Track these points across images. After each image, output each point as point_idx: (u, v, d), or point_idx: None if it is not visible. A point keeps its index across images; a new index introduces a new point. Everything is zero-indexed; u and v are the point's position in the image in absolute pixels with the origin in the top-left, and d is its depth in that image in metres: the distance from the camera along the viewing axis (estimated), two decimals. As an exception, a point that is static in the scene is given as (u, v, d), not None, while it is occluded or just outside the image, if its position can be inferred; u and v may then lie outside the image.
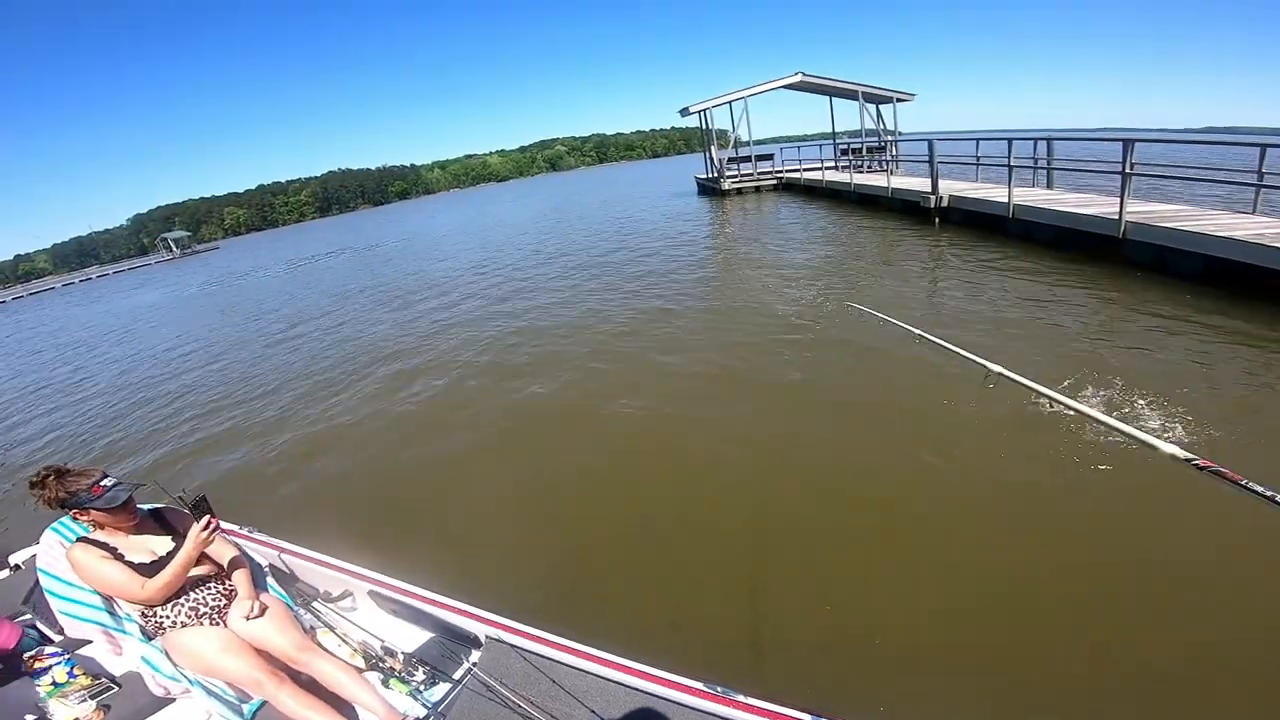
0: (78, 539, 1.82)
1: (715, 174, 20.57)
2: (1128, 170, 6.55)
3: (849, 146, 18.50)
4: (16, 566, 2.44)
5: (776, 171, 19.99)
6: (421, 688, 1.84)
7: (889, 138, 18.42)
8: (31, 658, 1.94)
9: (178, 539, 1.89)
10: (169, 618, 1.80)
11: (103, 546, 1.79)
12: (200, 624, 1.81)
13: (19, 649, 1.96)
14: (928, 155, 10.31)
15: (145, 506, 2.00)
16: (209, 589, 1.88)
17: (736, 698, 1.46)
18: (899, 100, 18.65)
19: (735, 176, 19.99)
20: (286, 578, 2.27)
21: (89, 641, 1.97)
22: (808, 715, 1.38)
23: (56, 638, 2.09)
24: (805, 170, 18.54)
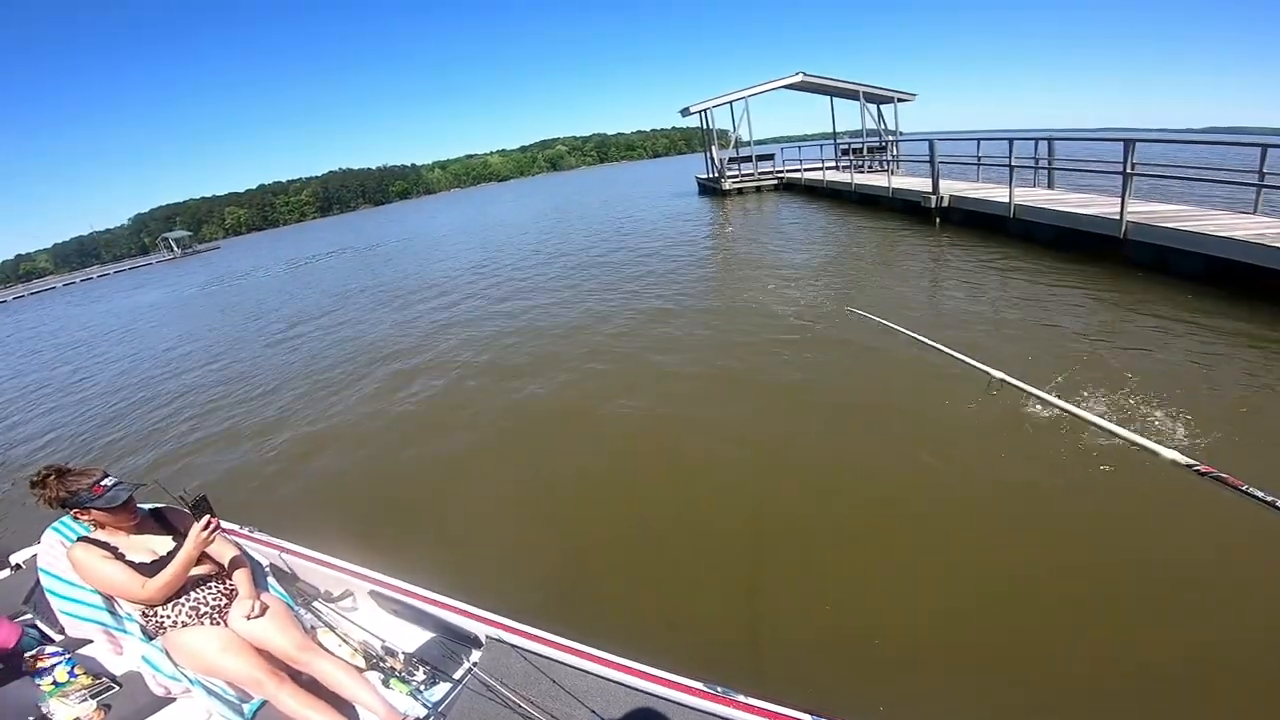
0: (79, 538, 1.82)
1: (716, 174, 20.56)
2: (1129, 170, 6.54)
3: (850, 146, 18.47)
4: (18, 566, 2.45)
5: (777, 171, 19.98)
6: (422, 687, 1.85)
7: (890, 138, 18.40)
8: (32, 657, 1.94)
9: (178, 538, 1.89)
10: (170, 617, 1.80)
11: (103, 546, 1.79)
12: (201, 624, 1.81)
13: (19, 648, 1.96)
14: (929, 155, 10.31)
15: (146, 506, 2.00)
16: (210, 589, 1.88)
17: (736, 698, 1.46)
18: (900, 100, 18.65)
19: (736, 176, 19.98)
20: (287, 577, 2.27)
21: (90, 641, 1.98)
22: (807, 715, 1.38)
23: (57, 637, 2.09)
24: (806, 170, 18.54)
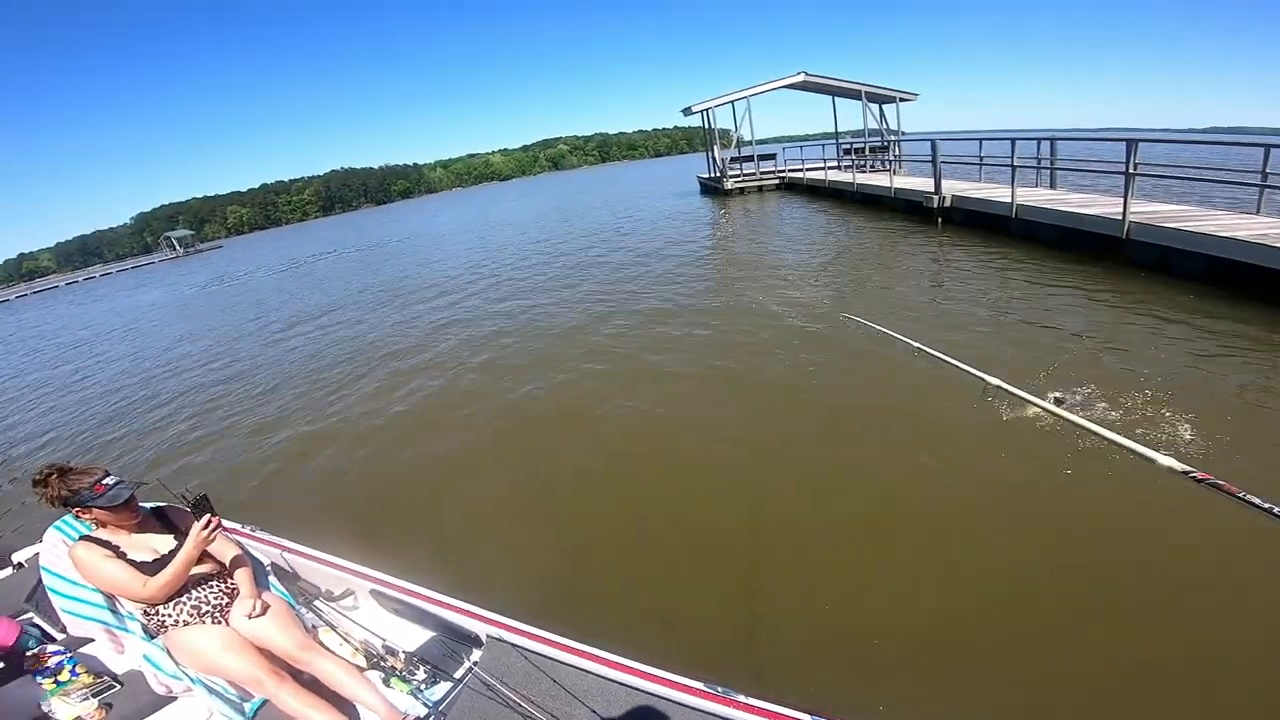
0: (80, 537, 1.83)
1: (718, 174, 20.56)
2: (1131, 170, 6.53)
3: (852, 146, 18.46)
4: (20, 565, 2.45)
5: (779, 171, 19.97)
6: (422, 687, 1.85)
7: (892, 137, 18.38)
8: (34, 656, 1.94)
9: (180, 537, 1.89)
10: (171, 616, 1.81)
11: (105, 545, 1.79)
12: (202, 622, 1.81)
13: (19, 646, 1.96)
14: (931, 155, 10.29)
15: (147, 505, 2.01)
16: (211, 587, 1.89)
17: (737, 698, 1.46)
18: (902, 100, 18.61)
19: (738, 176, 19.98)
20: (288, 576, 2.28)
21: (91, 640, 1.98)
22: (807, 715, 1.38)
23: (59, 636, 2.10)
24: (808, 170, 18.50)
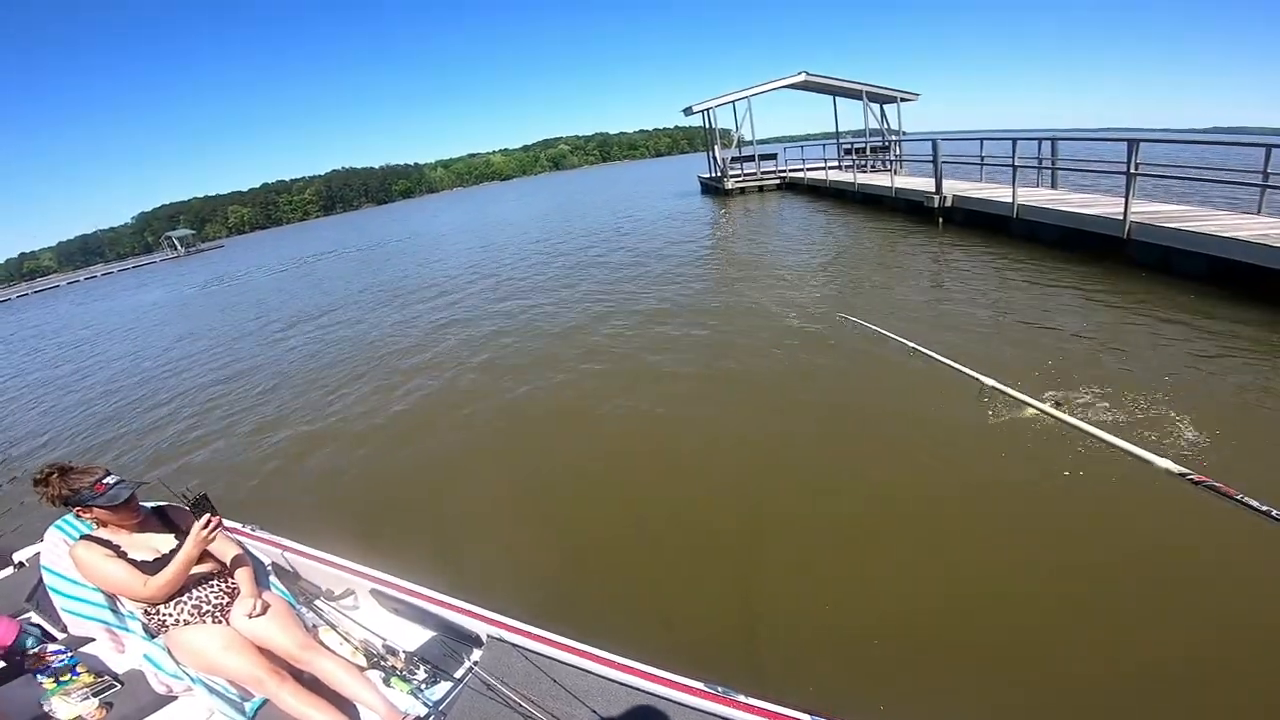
0: (81, 536, 1.83)
1: (718, 173, 20.56)
2: (1133, 170, 6.52)
3: (853, 146, 18.44)
4: (21, 564, 2.46)
5: (780, 171, 19.96)
6: (423, 686, 1.85)
7: (893, 137, 18.37)
8: (35, 655, 1.94)
9: (181, 537, 1.89)
10: (171, 615, 1.81)
11: (106, 544, 1.80)
12: (203, 622, 1.81)
13: (19, 645, 1.96)
14: (932, 155, 10.28)
15: (148, 504, 2.01)
16: (211, 587, 1.89)
17: (737, 698, 1.46)
18: (903, 100, 18.58)
19: (738, 176, 19.98)
20: (289, 576, 2.28)
21: (92, 639, 1.98)
22: (807, 715, 1.38)
23: (60, 635, 2.10)
24: (809, 170, 18.50)
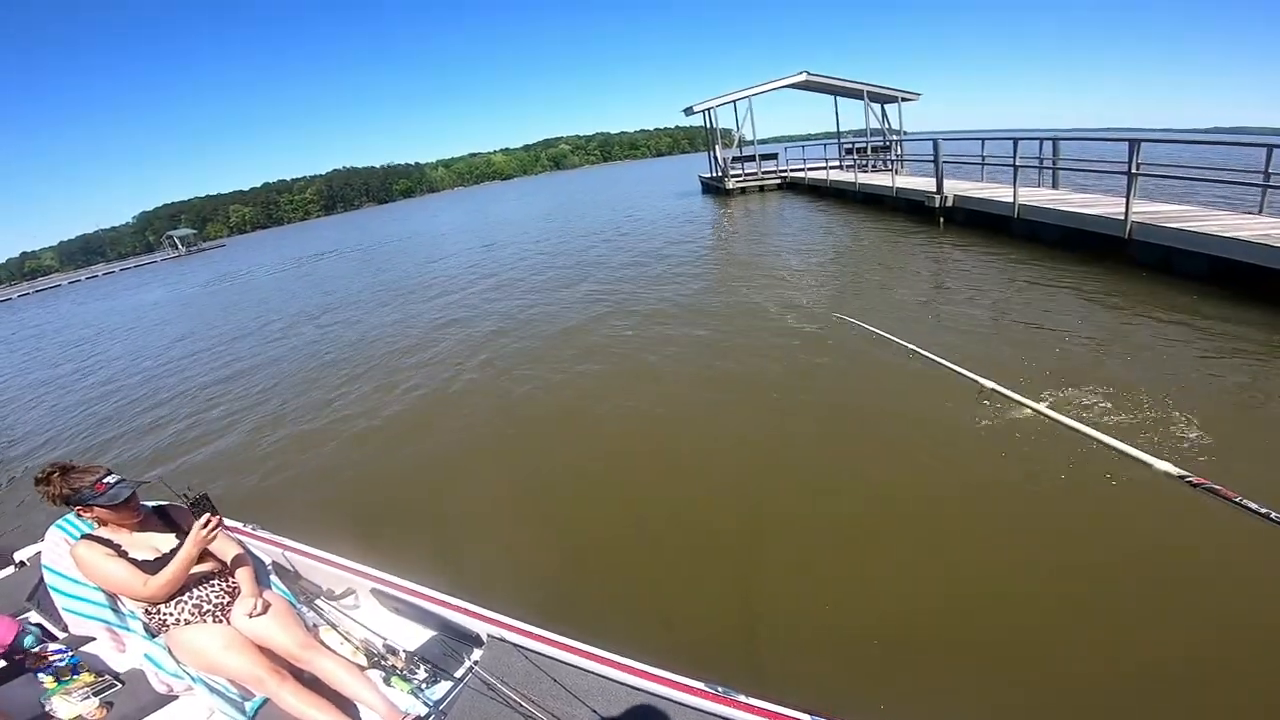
0: (82, 536, 1.83)
1: (719, 173, 20.56)
2: (1134, 170, 6.51)
3: (854, 146, 18.43)
4: (22, 563, 2.46)
5: (781, 171, 19.95)
6: (423, 686, 1.85)
7: (894, 137, 18.36)
8: (35, 654, 1.95)
9: (181, 536, 1.89)
10: (172, 615, 1.81)
11: (106, 543, 1.80)
12: (203, 621, 1.82)
13: (19, 644, 1.97)
14: (933, 155, 10.27)
15: (149, 503, 2.01)
16: (212, 586, 1.89)
17: (737, 698, 1.46)
18: (904, 99, 18.59)
19: (739, 176, 19.97)
20: (289, 575, 2.28)
21: (93, 638, 1.99)
22: (807, 715, 1.38)
23: (60, 634, 2.10)
24: (810, 170, 18.48)
